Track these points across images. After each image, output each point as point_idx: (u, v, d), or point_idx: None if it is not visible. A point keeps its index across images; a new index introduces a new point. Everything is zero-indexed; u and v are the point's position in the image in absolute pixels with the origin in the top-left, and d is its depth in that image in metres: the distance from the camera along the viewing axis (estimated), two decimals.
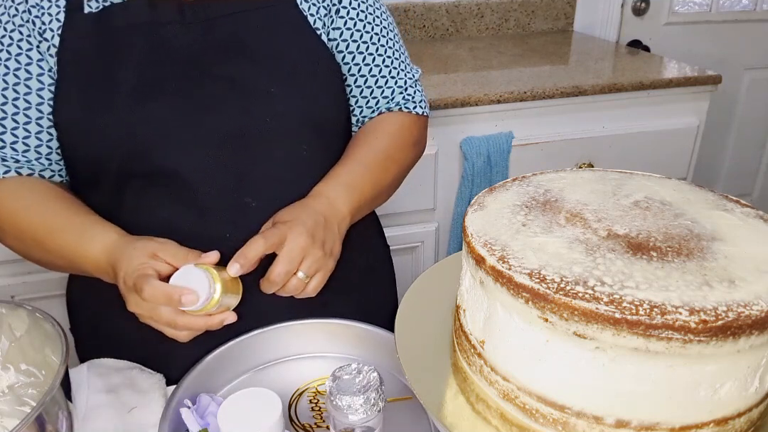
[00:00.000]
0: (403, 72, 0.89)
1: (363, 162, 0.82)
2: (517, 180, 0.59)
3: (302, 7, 0.80)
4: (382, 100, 0.88)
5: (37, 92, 0.73)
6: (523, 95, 1.46)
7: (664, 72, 1.67)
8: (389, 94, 0.88)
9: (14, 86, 0.73)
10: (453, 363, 0.55)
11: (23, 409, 0.65)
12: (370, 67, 0.86)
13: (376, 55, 0.86)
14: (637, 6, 2.17)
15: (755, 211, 0.52)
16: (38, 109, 0.74)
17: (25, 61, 0.73)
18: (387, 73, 0.87)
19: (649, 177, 0.59)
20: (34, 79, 0.73)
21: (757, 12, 2.31)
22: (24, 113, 0.74)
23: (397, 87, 0.88)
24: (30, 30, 0.73)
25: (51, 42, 0.73)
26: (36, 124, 0.74)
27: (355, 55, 0.85)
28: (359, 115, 0.89)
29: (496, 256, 0.45)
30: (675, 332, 0.39)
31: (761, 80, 2.39)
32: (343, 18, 0.83)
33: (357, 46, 0.84)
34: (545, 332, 0.43)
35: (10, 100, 0.73)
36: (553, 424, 0.45)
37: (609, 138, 1.60)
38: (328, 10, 0.82)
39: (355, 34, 0.84)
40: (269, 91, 0.75)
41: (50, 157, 0.77)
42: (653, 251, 0.45)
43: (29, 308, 0.66)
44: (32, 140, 0.75)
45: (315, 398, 0.71)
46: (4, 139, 0.74)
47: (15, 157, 0.75)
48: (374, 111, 0.89)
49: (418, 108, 0.90)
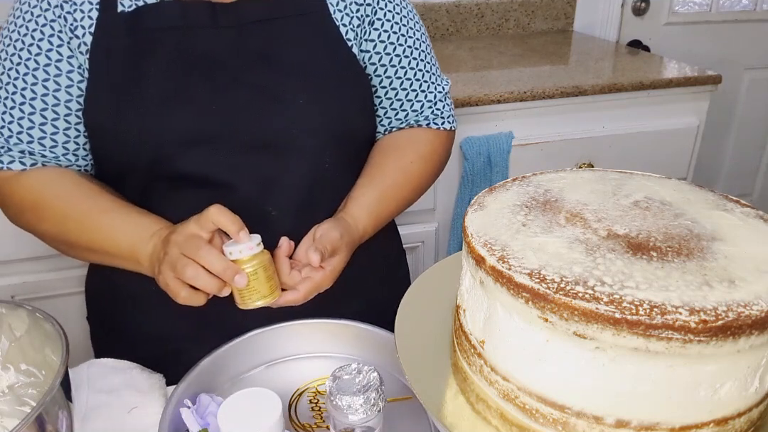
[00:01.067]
0: (433, 85, 0.88)
1: (390, 185, 0.83)
2: (517, 180, 0.59)
3: (335, 17, 0.79)
4: (411, 114, 0.87)
5: (66, 89, 0.74)
6: (523, 95, 1.46)
7: (664, 72, 1.67)
8: (419, 108, 0.87)
9: (44, 82, 0.73)
10: (453, 363, 0.55)
11: (23, 409, 0.65)
12: (401, 80, 0.85)
13: (408, 68, 0.85)
14: (637, 6, 2.17)
15: (755, 211, 0.52)
16: (67, 105, 0.74)
17: (56, 58, 0.73)
18: (417, 86, 0.86)
19: (649, 177, 0.59)
20: (63, 76, 0.73)
21: (757, 12, 2.31)
22: (53, 109, 0.74)
23: (426, 101, 0.88)
24: (62, 26, 0.72)
25: (82, 39, 0.72)
26: (64, 120, 0.75)
27: (387, 68, 0.84)
28: (387, 125, 0.88)
29: (496, 256, 0.45)
30: (675, 332, 0.39)
31: (761, 80, 2.39)
32: (377, 30, 0.82)
33: (390, 59, 0.84)
34: (545, 332, 0.43)
35: (39, 95, 0.73)
36: (553, 424, 0.45)
37: (609, 138, 1.60)
38: (362, 20, 0.81)
39: (389, 46, 0.83)
40: (297, 102, 0.75)
41: (77, 153, 0.77)
42: (653, 251, 0.45)
43: (29, 308, 0.66)
44: (60, 136, 0.75)
45: (315, 398, 0.71)
46: (32, 134, 0.74)
47: (43, 152, 0.75)
48: (402, 123, 0.88)
49: (446, 123, 0.89)
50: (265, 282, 0.67)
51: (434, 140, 0.89)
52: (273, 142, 0.74)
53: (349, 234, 0.76)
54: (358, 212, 0.79)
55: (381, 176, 0.83)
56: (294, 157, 0.76)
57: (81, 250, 0.76)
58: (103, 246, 0.73)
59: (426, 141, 0.88)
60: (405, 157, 0.85)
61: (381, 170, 0.83)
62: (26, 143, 0.75)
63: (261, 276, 0.67)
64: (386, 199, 0.82)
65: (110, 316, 0.87)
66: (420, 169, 0.86)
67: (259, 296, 0.68)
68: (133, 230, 0.72)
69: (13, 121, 0.74)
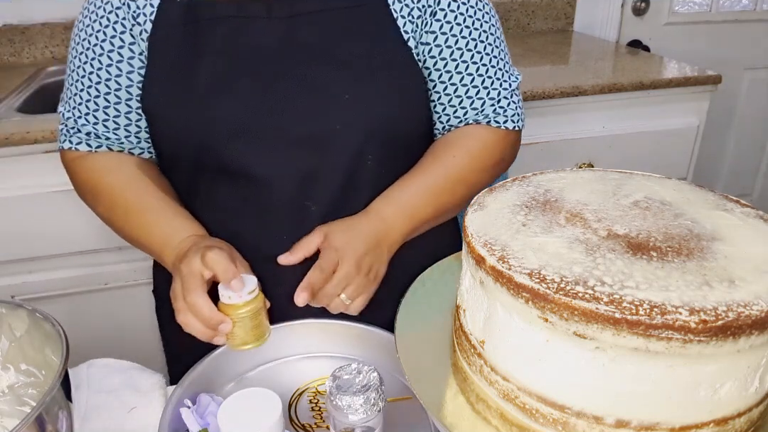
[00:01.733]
0: (498, 81, 0.81)
1: (430, 183, 0.78)
2: (517, 180, 0.59)
3: (394, 8, 0.76)
4: (471, 111, 0.82)
5: (128, 75, 0.76)
6: (523, 95, 1.46)
7: (664, 72, 1.67)
8: (479, 105, 0.81)
9: (107, 67, 0.76)
10: (453, 363, 0.55)
11: (23, 409, 0.65)
12: (462, 75, 0.79)
13: (470, 62, 0.79)
14: (637, 6, 2.17)
15: (755, 211, 0.52)
16: (128, 90, 0.77)
17: (119, 44, 0.75)
18: (480, 83, 0.80)
19: (649, 177, 0.59)
20: (125, 62, 0.76)
21: (757, 12, 2.31)
22: (115, 93, 0.77)
23: (488, 98, 0.81)
24: (125, 13, 0.74)
25: (143, 27, 0.74)
26: (126, 104, 0.78)
27: (447, 62, 0.79)
28: (445, 123, 0.83)
29: (496, 256, 0.45)
30: (675, 332, 0.39)
31: (761, 80, 2.39)
32: (440, 21, 0.77)
33: (451, 52, 0.78)
34: (545, 332, 0.43)
35: (103, 80, 0.76)
36: (553, 424, 0.45)
37: (609, 138, 1.60)
38: (423, 11, 0.77)
39: (450, 39, 0.78)
40: (343, 97, 0.74)
41: (139, 136, 0.81)
42: (653, 251, 0.45)
43: (29, 308, 0.66)
44: (122, 119, 0.78)
45: (315, 398, 0.71)
46: (97, 116, 0.78)
47: (107, 135, 0.79)
48: (461, 122, 0.83)
49: (509, 122, 0.82)
50: (251, 330, 0.67)
51: (488, 137, 0.82)
52: (315, 136, 0.74)
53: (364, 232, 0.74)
54: (382, 205, 0.77)
55: (418, 172, 0.80)
56: (336, 152, 0.75)
57: (127, 238, 0.80)
58: (139, 242, 0.78)
59: (476, 137, 0.82)
60: (448, 152, 0.80)
61: (419, 166, 0.81)
62: (92, 125, 0.78)
63: (246, 324, 0.66)
64: (420, 194, 0.78)
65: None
66: (462, 164, 0.80)
67: (242, 342, 0.67)
68: (163, 236, 0.75)
69: (82, 103, 0.78)
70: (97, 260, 1.37)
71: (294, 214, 0.76)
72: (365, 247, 0.73)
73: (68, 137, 0.80)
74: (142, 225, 0.77)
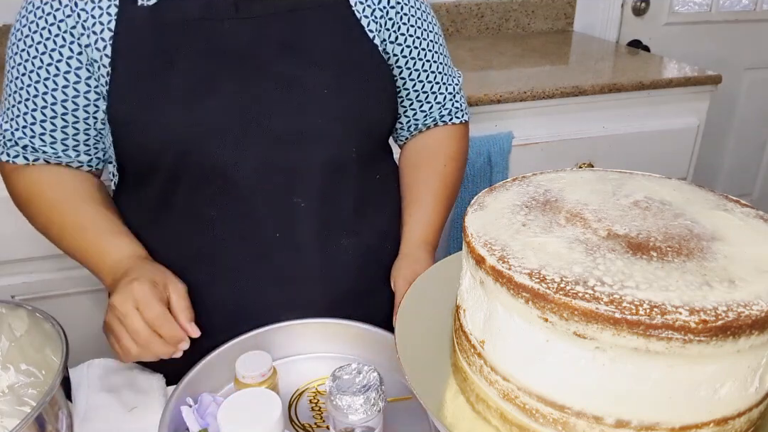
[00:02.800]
0: (450, 77, 0.91)
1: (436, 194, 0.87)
2: (517, 180, 0.59)
3: (356, 9, 0.79)
4: (435, 106, 0.90)
5: (74, 85, 0.74)
6: (523, 95, 1.46)
7: (664, 72, 1.67)
8: (442, 100, 0.90)
9: (48, 80, 0.73)
10: (453, 363, 0.55)
11: (23, 409, 0.65)
12: (428, 72, 0.87)
13: (432, 61, 0.87)
14: (637, 6, 2.17)
15: (755, 211, 0.52)
16: (74, 101, 0.75)
17: (66, 54, 0.73)
18: (441, 79, 0.89)
19: (649, 177, 0.59)
20: (72, 72, 0.73)
21: (757, 12, 2.31)
22: (61, 104, 0.75)
23: (447, 93, 0.90)
24: (75, 22, 0.71)
25: (100, 36, 0.72)
26: (72, 115, 0.76)
27: (416, 60, 0.86)
28: (411, 117, 0.90)
29: (496, 256, 0.45)
30: (675, 332, 0.39)
31: (761, 80, 2.39)
32: (405, 24, 0.83)
33: (418, 53, 0.85)
34: (545, 332, 0.43)
35: (41, 93, 0.74)
36: (553, 424, 0.45)
37: (609, 138, 1.60)
38: (385, 11, 0.81)
39: (416, 40, 0.85)
40: (323, 92, 0.75)
41: (78, 149, 0.79)
42: (653, 251, 0.45)
43: (29, 308, 0.66)
44: (61, 133, 0.77)
45: (315, 398, 0.71)
46: (34, 129, 0.76)
47: (44, 149, 0.77)
48: (427, 117, 0.91)
49: (465, 115, 0.93)
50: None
51: (456, 135, 0.92)
52: (298, 131, 0.74)
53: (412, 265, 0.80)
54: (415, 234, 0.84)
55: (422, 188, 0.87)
56: (320, 147, 0.76)
57: (64, 252, 0.79)
58: (76, 258, 0.77)
59: (451, 139, 0.91)
60: (438, 162, 0.89)
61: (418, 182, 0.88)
62: (29, 138, 0.76)
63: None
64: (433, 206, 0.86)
65: None
66: (453, 169, 0.90)
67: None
68: (102, 254, 0.75)
69: (20, 115, 0.76)
70: None
71: (283, 212, 0.76)
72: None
73: (5, 149, 0.78)
74: (77, 243, 0.76)
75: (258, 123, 0.73)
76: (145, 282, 0.66)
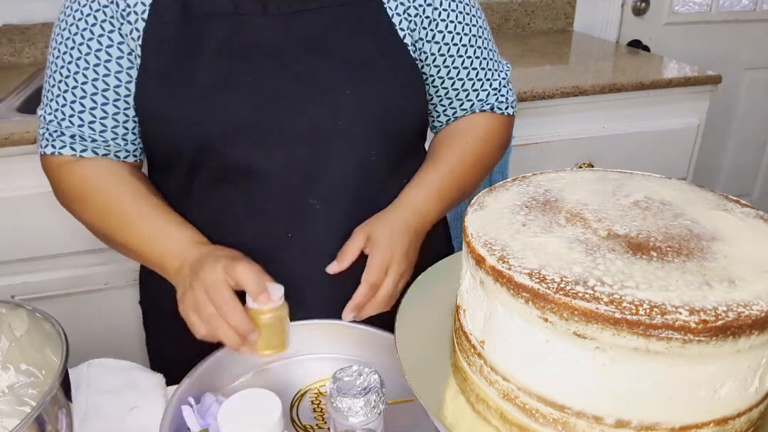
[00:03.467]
0: (496, 72, 0.87)
1: (454, 169, 0.83)
2: (517, 180, 0.59)
3: (388, 6, 0.78)
4: (477, 103, 0.87)
5: (116, 75, 0.74)
6: (523, 95, 1.46)
7: (664, 72, 1.67)
8: (484, 96, 0.87)
9: (94, 67, 0.74)
10: (453, 363, 0.55)
11: (23, 409, 0.65)
12: (468, 69, 0.84)
13: (473, 57, 0.84)
14: (637, 6, 2.17)
15: (755, 211, 0.52)
16: (116, 91, 0.75)
17: (107, 42, 0.73)
18: (483, 75, 0.86)
19: (649, 177, 0.59)
20: (113, 62, 0.74)
21: (757, 12, 2.31)
22: (103, 94, 0.75)
23: (491, 89, 0.87)
24: (114, 11, 0.72)
25: (134, 26, 0.72)
26: (113, 105, 0.75)
27: (454, 57, 0.83)
28: (451, 115, 0.88)
29: (496, 256, 0.45)
30: (675, 332, 0.39)
31: (761, 80, 2.39)
32: (444, 20, 0.81)
33: (457, 49, 0.83)
34: (545, 332, 0.43)
35: (90, 80, 0.74)
36: (553, 424, 0.45)
37: (609, 138, 1.60)
38: (420, 9, 0.79)
39: (455, 36, 0.82)
40: (345, 93, 0.74)
41: (126, 138, 0.78)
42: (653, 251, 0.45)
43: (29, 308, 0.66)
44: (109, 121, 0.76)
45: (317, 399, 0.71)
46: (82, 118, 0.75)
47: (93, 137, 0.76)
48: (467, 112, 0.88)
49: (509, 108, 0.89)
50: (273, 336, 0.68)
51: (491, 122, 0.88)
52: (318, 132, 0.74)
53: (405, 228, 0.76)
54: (413, 193, 0.79)
55: (438, 159, 0.83)
56: (339, 147, 0.75)
57: (117, 246, 0.78)
58: (137, 250, 0.76)
59: (482, 124, 0.87)
60: (461, 140, 0.85)
61: (436, 155, 0.84)
62: (77, 127, 0.76)
63: (270, 330, 0.67)
64: (445, 179, 0.82)
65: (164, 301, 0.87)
66: (475, 150, 0.85)
67: (264, 347, 0.68)
68: (164, 243, 0.73)
69: (66, 104, 0.75)
70: (97, 260, 1.37)
71: (298, 212, 0.76)
72: (408, 241, 0.75)
73: (50, 141, 0.77)
74: (140, 233, 0.75)
75: (277, 121, 0.73)
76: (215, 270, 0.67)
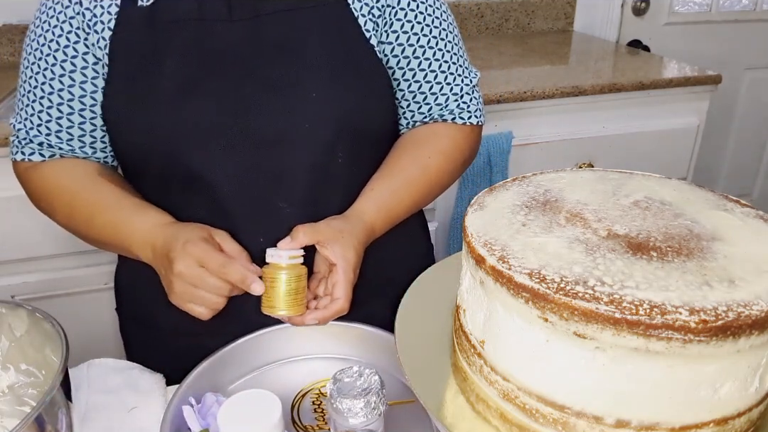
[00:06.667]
0: (459, 77, 0.85)
1: (408, 183, 0.80)
2: (517, 180, 0.59)
3: (354, 7, 0.77)
4: (435, 107, 0.84)
5: (81, 85, 0.75)
6: (523, 95, 1.46)
7: (664, 72, 1.67)
8: (443, 101, 0.84)
9: (60, 77, 0.74)
10: (453, 363, 0.55)
11: (23, 409, 0.65)
12: (425, 72, 0.82)
13: (432, 59, 0.82)
14: (637, 6, 2.17)
15: (755, 211, 0.52)
16: (81, 100, 0.75)
17: (72, 53, 0.74)
18: (443, 79, 0.83)
19: (649, 177, 0.59)
20: (78, 72, 0.74)
21: (757, 12, 2.31)
22: (68, 104, 0.75)
23: (452, 94, 0.84)
24: (80, 22, 0.73)
25: (101, 35, 0.73)
26: (79, 115, 0.76)
27: (410, 60, 0.81)
28: (410, 119, 0.86)
29: (496, 256, 0.45)
30: (675, 332, 0.39)
31: (761, 80, 2.39)
32: (401, 20, 0.80)
33: (413, 50, 0.81)
34: (545, 332, 0.43)
35: (56, 90, 0.75)
36: (553, 424, 0.45)
37: (609, 138, 1.60)
38: (383, 10, 0.79)
39: (412, 37, 0.81)
40: (311, 96, 0.74)
41: (94, 146, 0.79)
42: (653, 251, 0.45)
43: (29, 308, 0.66)
44: (75, 130, 0.77)
45: (318, 400, 0.71)
46: (49, 127, 0.76)
47: (59, 145, 0.77)
48: (426, 117, 0.85)
49: (472, 117, 0.85)
50: (286, 295, 0.67)
51: (456, 135, 0.85)
52: (285, 136, 0.74)
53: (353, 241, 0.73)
54: (366, 206, 0.78)
55: (396, 171, 0.81)
56: (306, 151, 0.75)
57: (91, 241, 0.78)
58: (106, 242, 0.76)
59: (447, 136, 0.85)
60: (423, 152, 0.82)
61: (396, 165, 0.82)
62: (44, 135, 0.77)
63: (282, 288, 0.67)
64: (398, 193, 0.80)
65: (141, 308, 0.88)
66: (438, 164, 0.82)
67: (272, 305, 0.67)
68: (130, 232, 0.73)
69: (34, 113, 0.76)
70: (97, 260, 1.37)
71: (268, 216, 0.76)
72: (357, 255, 0.72)
73: (20, 148, 0.78)
74: (107, 223, 0.74)
75: (241, 126, 0.73)
76: (197, 240, 0.67)
